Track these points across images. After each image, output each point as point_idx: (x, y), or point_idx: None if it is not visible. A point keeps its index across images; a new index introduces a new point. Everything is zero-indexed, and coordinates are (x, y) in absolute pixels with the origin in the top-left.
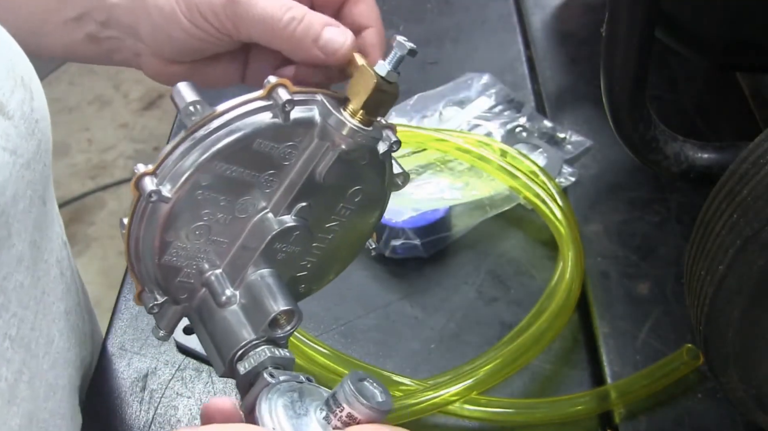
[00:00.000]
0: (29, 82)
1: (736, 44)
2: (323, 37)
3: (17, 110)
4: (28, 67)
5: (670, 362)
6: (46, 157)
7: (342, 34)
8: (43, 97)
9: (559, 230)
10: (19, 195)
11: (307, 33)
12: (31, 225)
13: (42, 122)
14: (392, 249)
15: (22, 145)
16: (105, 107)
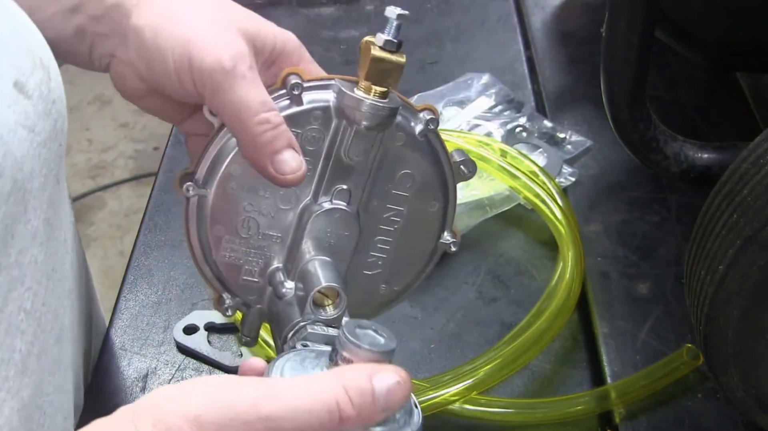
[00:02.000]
0: (47, 63)
1: (736, 44)
2: (282, 156)
3: (36, 90)
4: (46, 48)
5: (670, 362)
6: (61, 137)
7: (298, 162)
8: (60, 78)
9: (559, 230)
10: (35, 172)
11: (271, 142)
12: (45, 203)
13: (58, 102)
14: None
15: (39, 123)
16: (105, 107)
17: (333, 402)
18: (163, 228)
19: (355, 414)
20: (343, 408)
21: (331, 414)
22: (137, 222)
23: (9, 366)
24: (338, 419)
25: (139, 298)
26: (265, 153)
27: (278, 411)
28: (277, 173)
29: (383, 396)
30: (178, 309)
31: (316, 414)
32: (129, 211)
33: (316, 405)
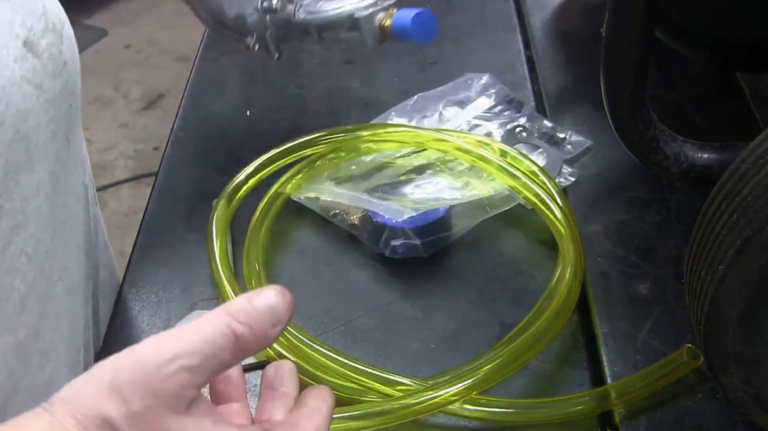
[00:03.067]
0: (60, 28)
1: (736, 44)
2: None
3: (46, 51)
4: (61, 15)
5: (670, 362)
6: (72, 98)
7: None
8: (74, 44)
9: (559, 230)
10: (41, 126)
11: None
12: (52, 157)
13: (70, 64)
14: (392, 249)
15: (47, 82)
16: (105, 107)
17: (223, 326)
18: (162, 228)
19: (248, 330)
20: (234, 328)
21: (225, 336)
22: (137, 222)
23: (7, 303)
24: (233, 337)
25: (139, 298)
26: None
27: (181, 349)
28: None
29: (268, 310)
30: (178, 309)
31: (213, 339)
32: (129, 211)
33: (210, 333)
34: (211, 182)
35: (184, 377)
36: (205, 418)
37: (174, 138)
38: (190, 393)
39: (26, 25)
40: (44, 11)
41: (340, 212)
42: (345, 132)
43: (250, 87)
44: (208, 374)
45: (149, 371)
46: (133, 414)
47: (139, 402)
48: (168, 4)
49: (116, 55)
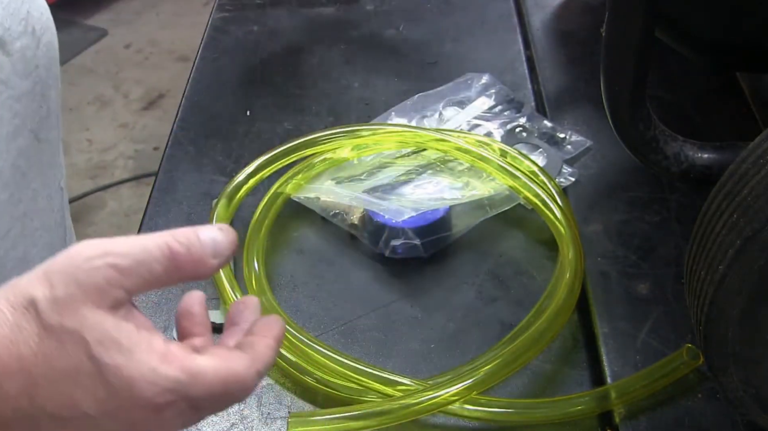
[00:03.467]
0: (40, 34)
1: (736, 44)
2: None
3: (19, 52)
4: (45, 23)
5: (670, 362)
6: (43, 100)
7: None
8: (55, 53)
9: (559, 230)
10: (3, 120)
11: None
12: (15, 150)
13: (43, 69)
14: (392, 249)
15: (14, 80)
16: (105, 107)
17: (161, 241)
18: (162, 228)
19: (185, 250)
20: (171, 244)
21: (160, 248)
22: (137, 222)
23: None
24: (169, 252)
25: (139, 298)
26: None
27: (113, 248)
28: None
29: (209, 240)
30: None
31: (147, 248)
32: (129, 211)
33: (146, 243)
34: (211, 182)
35: (111, 273)
36: (128, 323)
37: (174, 138)
38: (116, 293)
39: (4, 25)
40: (27, 16)
41: (340, 212)
42: (345, 132)
43: (250, 87)
44: (138, 281)
45: (78, 261)
46: (55, 298)
47: (63, 288)
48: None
49: (116, 55)
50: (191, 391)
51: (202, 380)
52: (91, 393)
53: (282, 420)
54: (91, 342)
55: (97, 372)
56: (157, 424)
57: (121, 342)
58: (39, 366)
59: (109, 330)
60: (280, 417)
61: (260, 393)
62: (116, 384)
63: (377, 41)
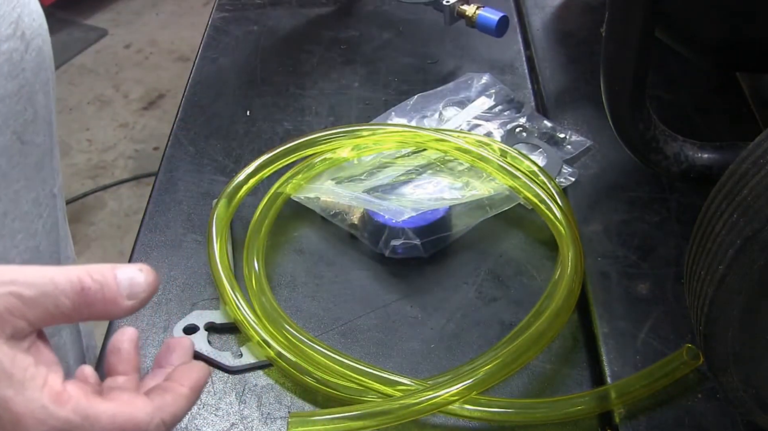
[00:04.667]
0: (30, 39)
1: (736, 44)
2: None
3: (5, 54)
4: (37, 29)
5: (670, 362)
6: (29, 104)
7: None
8: (46, 59)
9: (559, 230)
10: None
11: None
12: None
13: (30, 74)
14: (392, 249)
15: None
16: (105, 107)
17: (73, 275)
18: (162, 228)
19: (98, 287)
20: (83, 280)
21: (71, 283)
22: (137, 222)
23: None
24: (80, 288)
25: None
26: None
27: (19, 276)
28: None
29: (126, 280)
30: (178, 309)
31: (56, 281)
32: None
33: (56, 276)
34: (211, 182)
35: (13, 302)
36: (26, 356)
37: (174, 138)
38: (16, 322)
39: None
40: (18, 19)
41: (340, 212)
42: (345, 132)
43: (250, 87)
44: (43, 313)
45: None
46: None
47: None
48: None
49: (116, 55)
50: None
51: (96, 423)
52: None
53: (282, 420)
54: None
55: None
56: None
57: (14, 375)
58: None
59: (3, 361)
60: (280, 417)
61: (260, 393)
62: (4, 418)
63: (377, 41)
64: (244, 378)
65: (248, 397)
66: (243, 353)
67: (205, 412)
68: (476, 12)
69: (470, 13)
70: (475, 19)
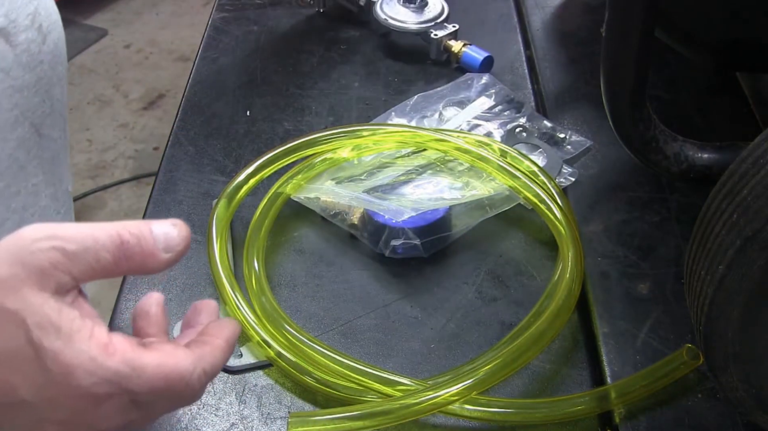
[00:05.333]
0: (47, 31)
1: (736, 44)
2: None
3: (23, 44)
4: (53, 21)
5: (670, 362)
6: (47, 96)
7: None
8: (62, 51)
9: (559, 230)
10: (2, 108)
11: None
12: (13, 142)
13: (48, 66)
14: (392, 249)
15: (17, 71)
16: (105, 107)
17: (112, 230)
18: None
19: (136, 241)
20: (122, 235)
21: (110, 237)
22: None
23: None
24: (119, 241)
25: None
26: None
27: (60, 232)
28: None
29: (162, 234)
30: (178, 309)
31: (96, 236)
32: (129, 211)
33: (96, 231)
34: (211, 182)
35: (56, 256)
36: (72, 309)
37: (174, 138)
38: (60, 277)
39: (9, 17)
40: (35, 12)
41: (340, 212)
42: (345, 132)
43: (250, 87)
44: (85, 267)
45: (24, 242)
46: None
47: (6, 268)
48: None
49: (116, 55)
50: (131, 385)
51: (143, 374)
52: (30, 379)
53: (282, 420)
54: (31, 324)
55: (35, 357)
56: (96, 417)
57: (62, 328)
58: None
59: (50, 314)
60: (280, 417)
61: (260, 393)
62: (54, 371)
63: (377, 41)
64: (244, 378)
65: (248, 397)
66: (243, 353)
67: (205, 412)
68: (462, 49)
69: (456, 49)
70: (461, 56)
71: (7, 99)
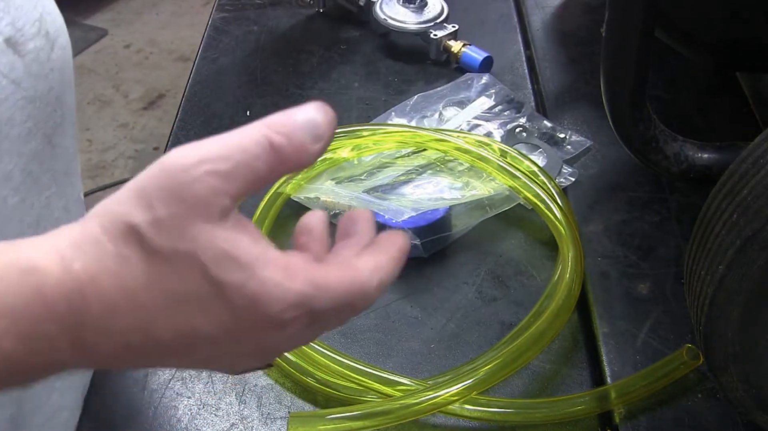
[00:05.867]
0: (54, 38)
1: (736, 44)
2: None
3: (32, 53)
4: (59, 26)
5: (670, 362)
6: (57, 105)
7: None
8: (69, 58)
9: (559, 230)
10: (15, 120)
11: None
12: (27, 154)
13: (58, 73)
14: None
15: (28, 81)
16: (105, 107)
17: (258, 135)
18: None
19: (286, 140)
20: (270, 137)
21: (260, 144)
22: None
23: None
24: (269, 147)
25: None
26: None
27: (209, 153)
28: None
29: (308, 123)
30: None
31: (245, 147)
32: None
33: (242, 140)
34: None
35: (213, 182)
36: (242, 234)
37: (174, 138)
38: (221, 201)
39: (15, 26)
40: (40, 18)
41: (340, 212)
42: (345, 132)
43: (250, 87)
44: (242, 184)
45: (175, 175)
46: (158, 221)
47: (164, 208)
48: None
49: (116, 55)
50: (316, 304)
51: (328, 291)
52: (213, 317)
53: (282, 420)
54: (207, 262)
55: (217, 294)
56: (281, 341)
57: (240, 258)
58: (152, 297)
59: (224, 246)
60: (280, 417)
61: (260, 393)
62: (240, 304)
63: (377, 41)
64: (244, 378)
65: (248, 397)
66: None
67: (205, 412)
68: (462, 49)
69: (456, 49)
70: (460, 56)
71: (19, 111)
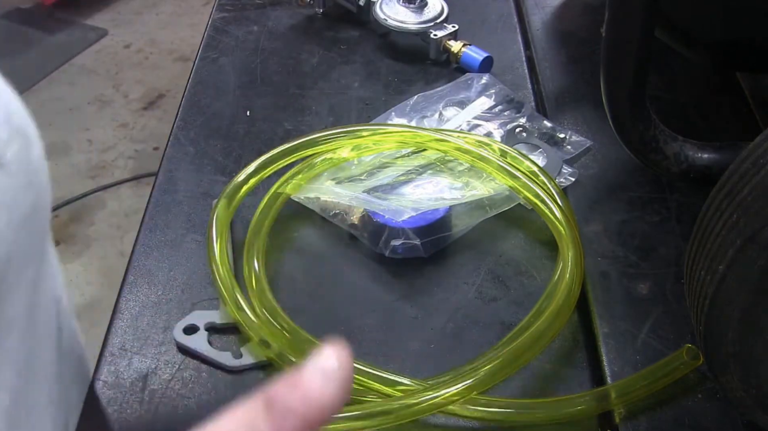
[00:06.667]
0: (25, 130)
1: (736, 44)
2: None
3: (14, 162)
4: (25, 116)
5: (670, 362)
6: (44, 210)
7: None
8: (41, 147)
9: (559, 230)
10: (13, 254)
11: None
12: (26, 285)
13: (41, 173)
14: (392, 249)
15: (19, 197)
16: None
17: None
18: (163, 228)
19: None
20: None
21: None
22: (137, 222)
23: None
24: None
25: (139, 298)
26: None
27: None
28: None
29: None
30: (178, 309)
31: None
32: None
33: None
34: (211, 182)
35: None
36: None
37: (174, 138)
38: None
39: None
40: (8, 116)
41: (340, 212)
42: (345, 132)
43: (250, 87)
44: None
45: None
46: None
47: None
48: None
49: (116, 55)
50: None
51: None
52: None
53: None
54: None
55: None
56: None
57: None
58: None
59: None
60: None
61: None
62: None
63: (377, 41)
64: (244, 378)
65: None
66: (243, 353)
67: (206, 412)
68: (462, 49)
69: (456, 49)
70: (460, 56)
71: (15, 241)
